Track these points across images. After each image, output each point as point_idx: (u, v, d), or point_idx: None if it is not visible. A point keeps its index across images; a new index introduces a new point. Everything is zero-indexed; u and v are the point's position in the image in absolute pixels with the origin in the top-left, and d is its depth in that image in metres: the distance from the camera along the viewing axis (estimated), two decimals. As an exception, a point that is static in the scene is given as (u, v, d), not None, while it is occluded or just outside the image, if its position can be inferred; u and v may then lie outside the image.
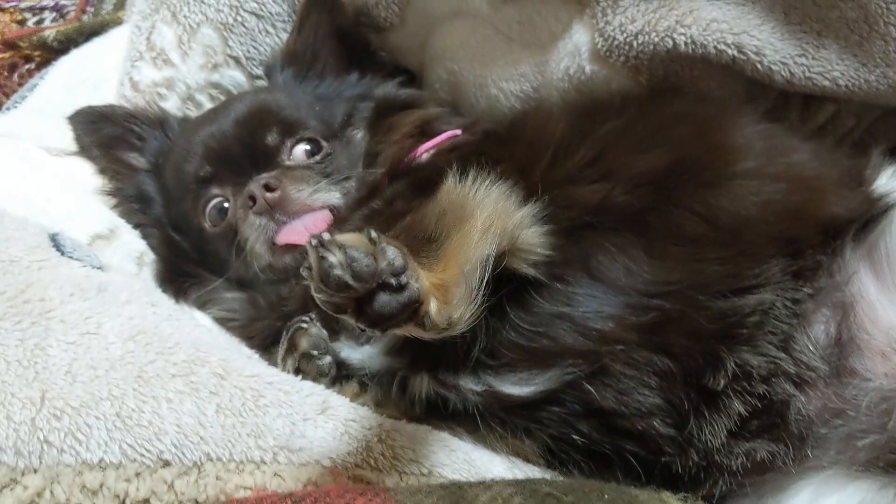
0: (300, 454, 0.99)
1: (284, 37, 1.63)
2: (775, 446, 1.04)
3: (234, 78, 1.64)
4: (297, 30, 1.57)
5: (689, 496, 1.03)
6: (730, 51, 1.27)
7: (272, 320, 1.28)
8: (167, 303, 1.24)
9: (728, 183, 1.12)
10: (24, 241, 1.19)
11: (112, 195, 1.53)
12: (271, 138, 1.40)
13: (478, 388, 1.08)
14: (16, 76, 2.05)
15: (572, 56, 1.37)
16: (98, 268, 1.24)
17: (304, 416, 1.02)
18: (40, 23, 2.30)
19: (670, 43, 1.29)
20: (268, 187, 1.30)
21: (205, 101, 1.63)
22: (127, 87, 1.62)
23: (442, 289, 0.93)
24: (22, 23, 2.29)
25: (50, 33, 2.05)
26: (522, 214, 1.03)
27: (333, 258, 0.83)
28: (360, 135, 1.45)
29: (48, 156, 1.50)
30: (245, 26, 1.61)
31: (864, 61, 1.26)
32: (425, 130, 1.40)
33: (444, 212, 1.01)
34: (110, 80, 1.68)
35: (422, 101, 1.51)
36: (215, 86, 1.63)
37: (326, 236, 0.85)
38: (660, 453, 1.06)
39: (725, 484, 1.06)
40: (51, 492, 0.92)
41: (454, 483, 0.99)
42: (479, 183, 1.04)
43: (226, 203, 1.40)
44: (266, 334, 1.28)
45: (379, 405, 1.15)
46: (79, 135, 1.56)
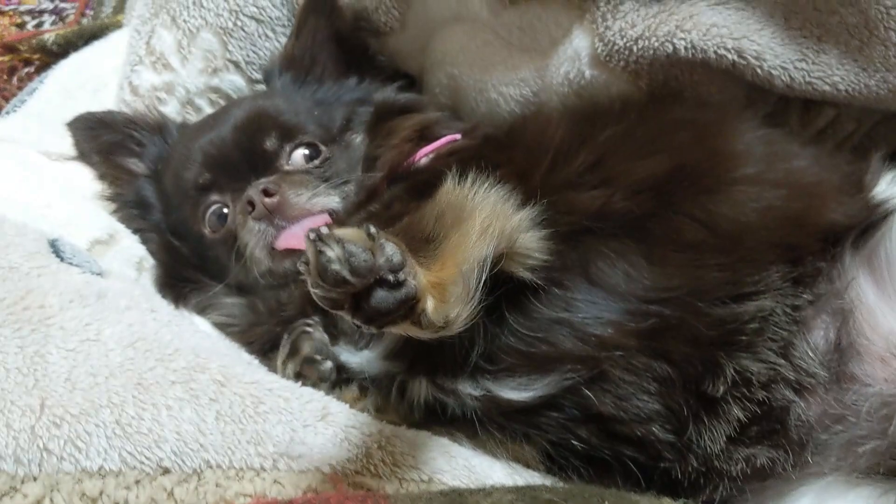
0: (300, 461, 0.99)
1: (284, 41, 1.63)
2: (775, 452, 1.03)
3: (233, 82, 1.64)
4: (295, 34, 1.57)
5: (688, 502, 1.02)
6: (730, 56, 1.27)
7: (271, 326, 1.28)
8: (167, 309, 1.24)
9: (728, 189, 1.11)
10: (23, 248, 1.19)
11: (111, 201, 1.53)
12: (270, 143, 1.40)
13: (476, 392, 1.07)
14: (15, 79, 2.05)
15: (572, 61, 1.37)
16: (97, 274, 1.24)
17: (303, 423, 1.02)
18: (40, 26, 2.30)
19: (670, 48, 1.29)
20: (266, 192, 1.30)
21: (204, 106, 1.63)
22: (126, 92, 1.61)
23: (439, 287, 0.93)
24: (21, 26, 2.29)
25: (49, 37, 2.04)
26: (521, 217, 1.03)
27: (331, 252, 0.82)
28: (359, 139, 1.45)
29: (47, 160, 1.50)
30: (245, 31, 1.61)
31: (865, 66, 1.26)
32: (424, 135, 1.39)
33: (442, 212, 1.00)
34: (110, 84, 1.67)
35: (421, 106, 1.51)
36: (215, 90, 1.63)
37: (325, 230, 0.85)
38: (659, 459, 1.06)
39: (725, 489, 1.06)
40: (50, 500, 0.92)
41: (454, 490, 0.99)
42: (478, 185, 1.03)
43: (225, 209, 1.40)
44: (265, 339, 1.27)
45: (379, 410, 1.15)
46: (78, 141, 1.55)
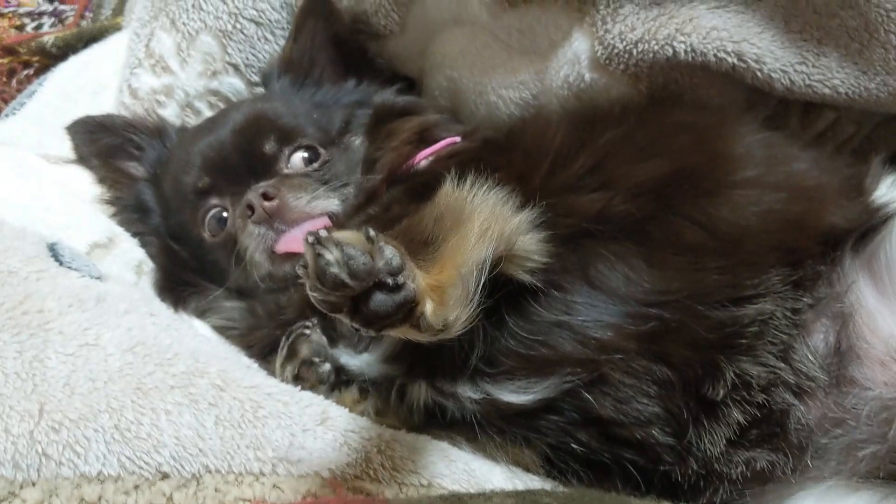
0: (299, 465, 0.99)
1: (283, 44, 1.62)
2: (775, 456, 1.03)
3: (233, 85, 1.63)
4: (293, 37, 1.56)
5: (688, 506, 1.03)
6: (730, 59, 1.27)
7: (271, 329, 1.27)
8: (166, 312, 1.24)
9: (728, 192, 1.11)
10: (22, 252, 1.18)
11: (111, 204, 1.52)
12: (269, 147, 1.39)
13: (476, 395, 1.07)
14: (14, 82, 2.05)
15: (572, 64, 1.37)
16: (96, 277, 1.23)
17: (303, 427, 1.02)
18: (39, 28, 2.30)
19: (670, 51, 1.28)
20: (266, 196, 1.30)
21: (204, 109, 1.63)
22: (126, 95, 1.61)
23: (438, 290, 0.93)
24: (21, 28, 2.29)
25: (49, 39, 2.04)
26: (520, 220, 1.03)
27: (330, 256, 0.82)
28: (358, 141, 1.45)
29: (47, 164, 1.50)
30: (244, 33, 1.61)
31: (865, 69, 1.26)
32: (424, 137, 1.39)
33: (441, 215, 1.00)
34: (109, 86, 1.67)
35: (421, 108, 1.50)
36: (214, 93, 1.63)
37: (323, 233, 0.85)
38: (659, 462, 1.05)
39: (725, 492, 1.06)
40: (49, 504, 0.91)
41: (454, 494, 0.99)
42: (478, 187, 1.03)
43: (224, 213, 1.39)
44: (265, 343, 1.27)
45: (378, 413, 1.15)
46: (77, 145, 1.55)
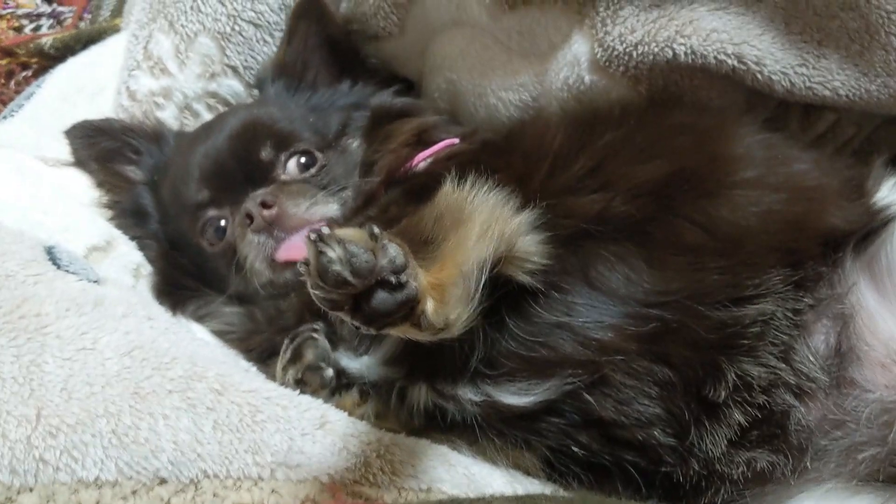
0: (298, 470, 0.98)
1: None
2: (775, 457, 1.03)
3: (231, 87, 1.63)
4: (286, 40, 1.56)
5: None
6: (730, 61, 1.27)
7: (270, 334, 1.27)
8: (164, 316, 1.24)
9: (728, 193, 1.11)
10: (20, 255, 1.18)
11: (109, 208, 1.52)
12: (265, 153, 1.39)
13: (476, 398, 1.07)
14: (13, 83, 2.04)
15: (571, 66, 1.36)
16: (94, 281, 1.23)
17: (302, 432, 1.02)
18: (37, 29, 2.29)
19: (670, 53, 1.28)
20: (265, 204, 1.30)
21: (202, 111, 1.62)
22: (124, 97, 1.61)
23: (439, 289, 0.93)
24: (19, 30, 2.29)
25: (47, 41, 2.03)
26: (520, 221, 1.03)
27: (332, 253, 0.82)
28: (355, 144, 1.44)
29: (45, 166, 1.49)
30: (243, 35, 1.60)
31: (865, 71, 1.26)
32: (422, 139, 1.39)
33: (441, 215, 1.00)
34: (108, 88, 1.66)
35: (419, 110, 1.50)
36: (213, 95, 1.62)
37: (326, 231, 0.85)
38: (660, 463, 1.05)
39: (727, 493, 1.05)
40: (46, 510, 0.91)
41: (453, 499, 0.99)
42: (478, 188, 1.03)
43: (223, 221, 1.39)
44: (264, 347, 1.27)
45: (379, 416, 1.14)
46: (76, 149, 1.55)
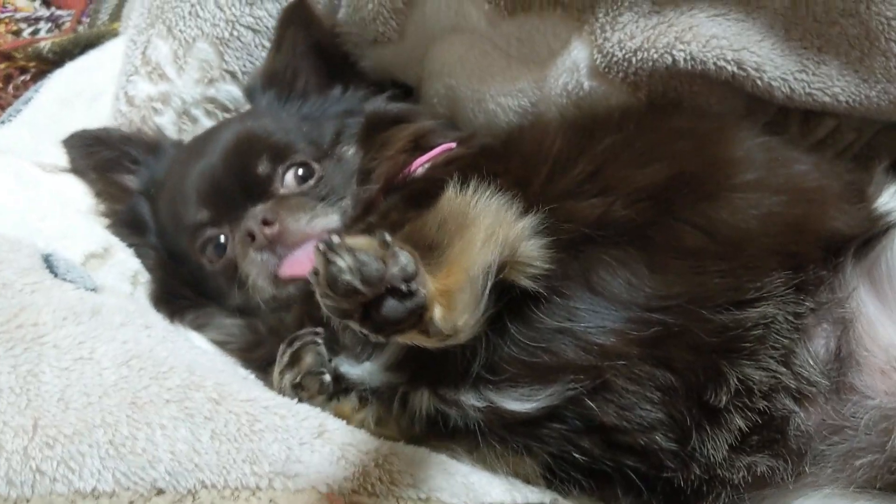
0: (296, 480, 0.98)
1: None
2: (775, 461, 1.03)
3: (230, 92, 1.62)
4: (275, 49, 1.54)
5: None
6: (730, 67, 1.26)
7: (273, 345, 1.25)
8: (162, 324, 1.23)
9: (728, 195, 1.11)
10: (17, 264, 1.17)
11: (106, 217, 1.51)
12: (262, 168, 1.37)
13: (479, 403, 1.06)
14: (11, 87, 2.05)
15: (571, 72, 1.36)
16: (91, 289, 1.22)
17: (300, 441, 1.01)
18: (36, 33, 2.30)
19: (669, 59, 1.27)
20: (265, 222, 1.28)
21: (201, 116, 1.62)
22: (122, 102, 1.60)
23: (446, 295, 0.93)
24: (17, 33, 2.29)
25: (45, 45, 2.04)
26: (523, 225, 1.02)
27: (342, 262, 0.82)
28: (351, 151, 1.43)
29: (42, 172, 1.49)
30: (241, 41, 1.60)
31: (865, 77, 1.25)
32: (419, 144, 1.38)
33: (444, 220, 1.00)
34: (106, 93, 1.66)
35: (414, 115, 1.48)
36: (211, 100, 1.62)
37: (336, 239, 0.85)
38: (661, 469, 1.05)
39: (728, 497, 1.05)
40: (43, 522, 0.91)
41: (452, 509, 0.98)
42: (480, 193, 1.03)
43: (223, 238, 1.37)
44: (266, 358, 1.26)
45: (379, 422, 1.14)
46: (73, 158, 1.54)
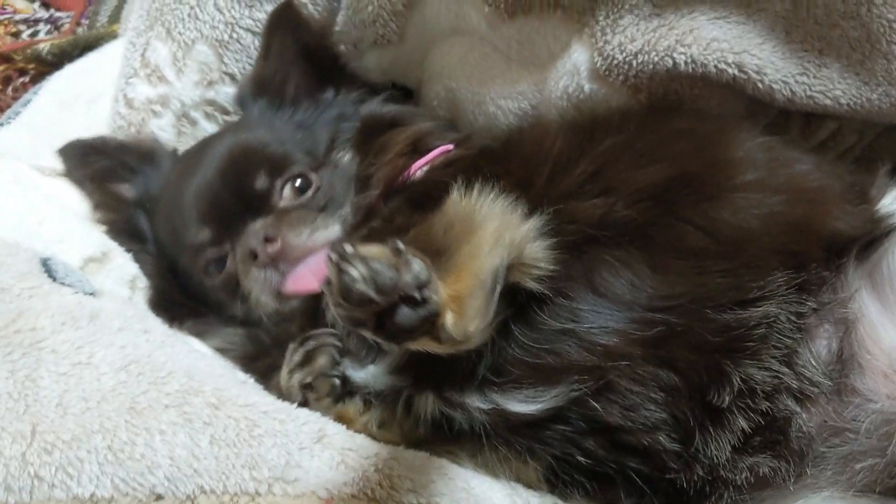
0: (296, 485, 0.98)
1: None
2: (777, 462, 1.03)
3: (229, 95, 1.61)
4: (263, 55, 1.51)
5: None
6: (730, 70, 1.26)
7: (277, 356, 1.24)
8: (160, 329, 1.22)
9: (729, 195, 1.10)
10: (15, 268, 1.17)
11: (104, 225, 1.49)
12: (260, 182, 1.35)
13: (484, 406, 1.06)
14: (10, 90, 2.04)
15: (571, 75, 1.35)
16: (90, 293, 1.22)
17: (299, 446, 1.01)
18: (35, 35, 2.29)
19: (670, 62, 1.27)
20: (267, 239, 1.27)
21: (200, 119, 1.61)
22: (121, 104, 1.59)
23: (457, 301, 0.93)
24: (16, 35, 2.28)
25: (44, 46, 2.04)
26: (528, 227, 1.03)
27: (355, 272, 0.82)
28: (347, 157, 1.41)
29: (41, 176, 1.48)
30: (241, 43, 1.59)
31: (867, 80, 1.25)
32: (417, 147, 1.37)
33: (451, 224, 1.00)
34: (105, 95, 1.65)
35: (410, 117, 1.47)
36: (210, 103, 1.61)
37: (349, 248, 0.84)
38: (664, 470, 1.05)
39: (731, 498, 1.05)
40: (41, 528, 0.90)
41: (452, 514, 0.98)
42: (485, 196, 1.03)
43: (223, 252, 1.36)
44: (267, 366, 1.25)
45: (382, 425, 1.14)
46: (70, 168, 1.51)
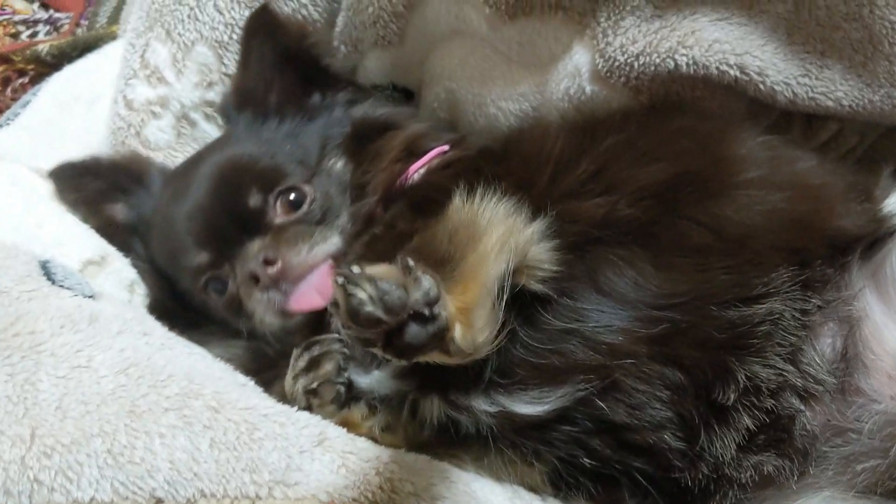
0: (296, 489, 0.97)
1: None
2: (781, 461, 1.03)
3: (229, 96, 1.61)
4: (243, 64, 1.48)
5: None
6: (732, 71, 1.26)
7: (282, 368, 1.21)
8: (160, 331, 1.21)
9: (732, 193, 1.10)
10: (14, 271, 1.17)
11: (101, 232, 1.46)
12: (253, 200, 1.31)
13: (491, 408, 1.06)
14: (9, 91, 2.04)
15: (572, 76, 1.35)
16: (89, 296, 1.22)
17: (300, 449, 1.00)
18: (34, 36, 2.29)
19: (672, 64, 1.27)
20: (267, 261, 1.25)
21: (199, 120, 1.60)
22: (121, 106, 1.59)
23: (465, 313, 0.92)
24: (15, 36, 2.28)
25: (44, 47, 2.03)
26: (532, 230, 1.02)
27: (363, 294, 0.82)
28: (339, 164, 1.37)
29: (40, 178, 1.47)
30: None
31: (869, 81, 1.25)
32: (412, 150, 1.34)
33: (455, 230, 1.00)
34: (104, 97, 1.64)
35: (402, 119, 1.43)
36: (210, 104, 1.59)
37: (356, 270, 0.84)
38: (669, 469, 1.05)
39: (735, 496, 1.05)
40: (41, 532, 0.90)
41: (453, 517, 0.98)
42: (487, 200, 1.03)
43: (223, 272, 1.33)
44: (272, 377, 1.23)
45: (387, 429, 1.13)
46: (62, 191, 1.47)
